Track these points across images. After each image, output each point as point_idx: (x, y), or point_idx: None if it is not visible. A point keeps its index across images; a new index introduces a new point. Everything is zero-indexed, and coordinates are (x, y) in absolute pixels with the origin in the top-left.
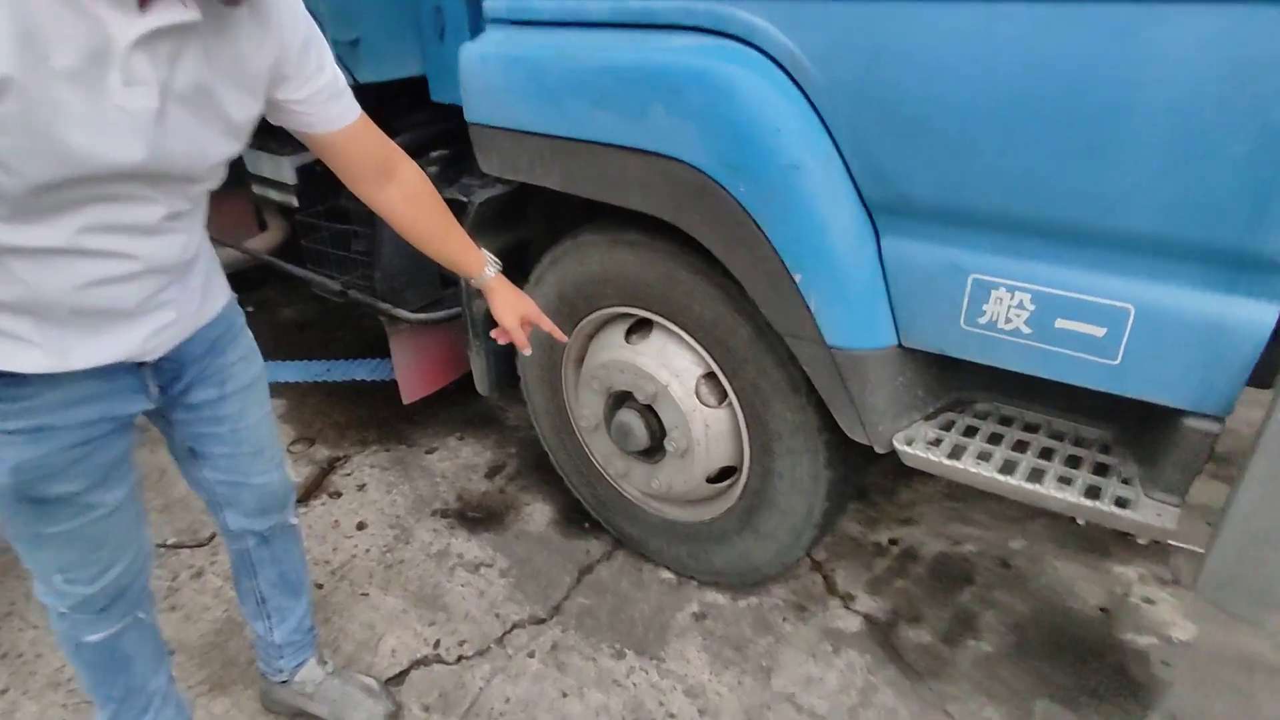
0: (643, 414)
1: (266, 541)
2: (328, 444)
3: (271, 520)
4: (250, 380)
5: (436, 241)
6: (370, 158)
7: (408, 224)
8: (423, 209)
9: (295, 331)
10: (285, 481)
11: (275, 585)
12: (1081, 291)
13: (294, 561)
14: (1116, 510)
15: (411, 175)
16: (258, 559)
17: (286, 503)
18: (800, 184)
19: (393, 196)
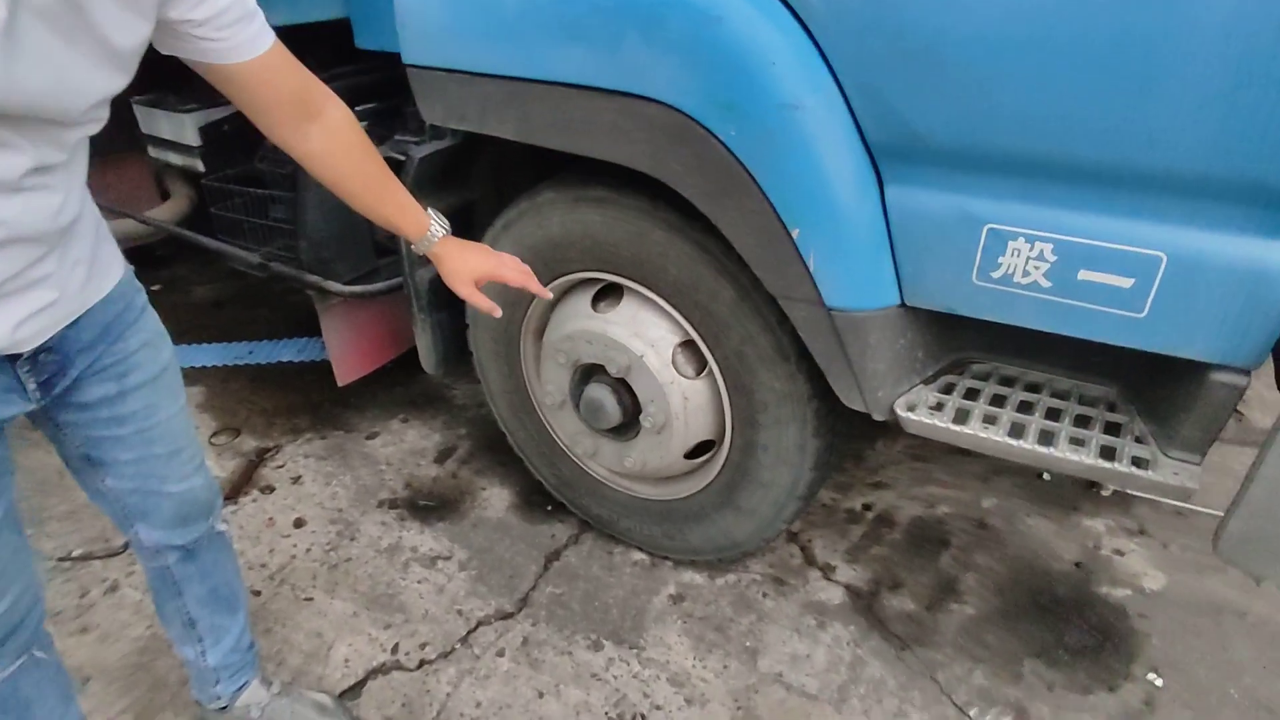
0: (614, 388)
1: (191, 555)
2: (255, 434)
3: (196, 531)
4: (158, 370)
5: (372, 197)
6: (289, 94)
7: (337, 176)
8: (354, 157)
9: (211, 311)
10: (209, 485)
11: (206, 603)
12: (1109, 240)
13: (226, 574)
14: (1136, 471)
15: (340, 116)
16: (182, 576)
17: (212, 508)
18: (799, 126)
19: (318, 142)
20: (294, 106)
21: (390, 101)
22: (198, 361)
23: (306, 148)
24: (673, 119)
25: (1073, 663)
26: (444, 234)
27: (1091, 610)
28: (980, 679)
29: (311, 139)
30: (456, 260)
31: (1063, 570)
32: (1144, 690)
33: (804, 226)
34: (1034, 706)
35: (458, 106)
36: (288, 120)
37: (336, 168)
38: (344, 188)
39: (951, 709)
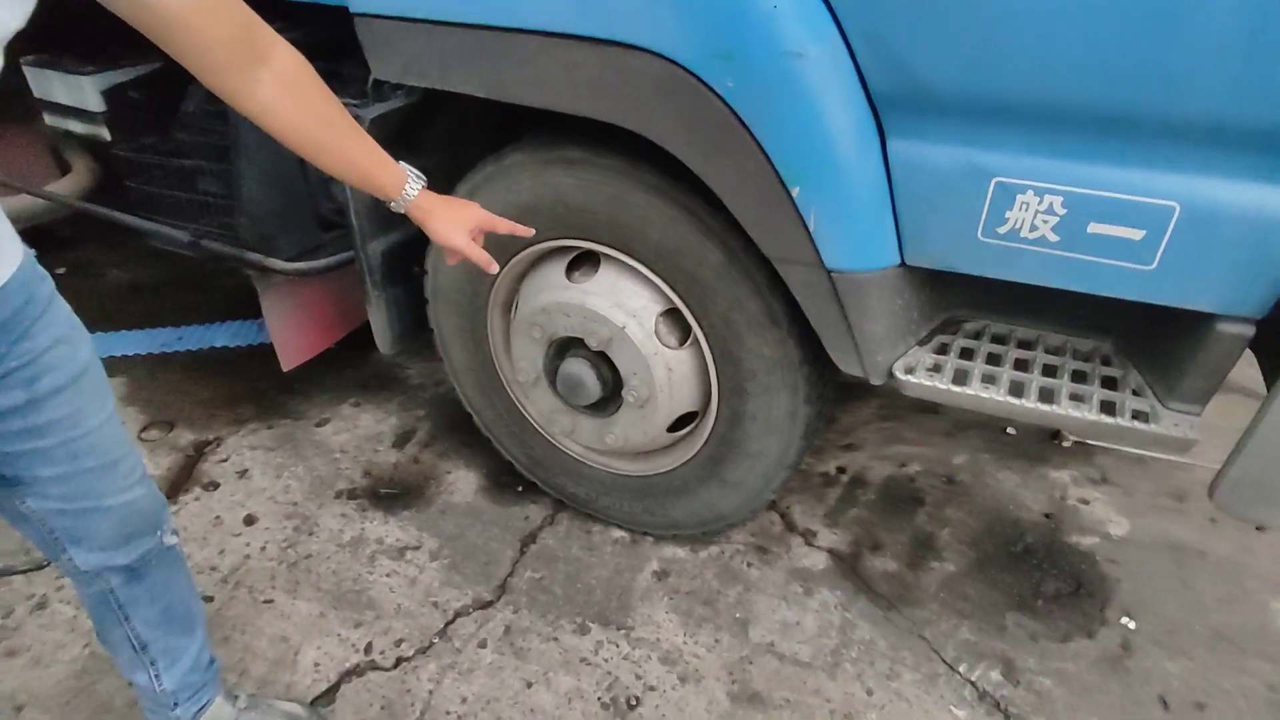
0: (593, 362)
1: (138, 575)
2: (192, 426)
3: (142, 547)
4: (77, 371)
5: (341, 148)
6: (232, 33)
7: (298, 128)
8: (315, 104)
9: (128, 295)
10: (153, 495)
11: (158, 625)
12: (1122, 191)
13: (180, 592)
14: (1138, 425)
15: (292, 58)
16: (128, 599)
17: (159, 521)
18: (802, 76)
19: (271, 89)
20: (238, 48)
21: (327, 62)
22: (118, 350)
23: (258, 97)
24: (664, 70)
25: (1051, 611)
26: (423, 186)
27: (1064, 558)
28: (966, 634)
29: (263, 86)
30: (446, 211)
31: (1033, 521)
32: (1119, 634)
33: (804, 185)
34: (1019, 658)
35: (416, 61)
36: (232, 64)
37: (295, 118)
38: (307, 142)
39: (942, 666)
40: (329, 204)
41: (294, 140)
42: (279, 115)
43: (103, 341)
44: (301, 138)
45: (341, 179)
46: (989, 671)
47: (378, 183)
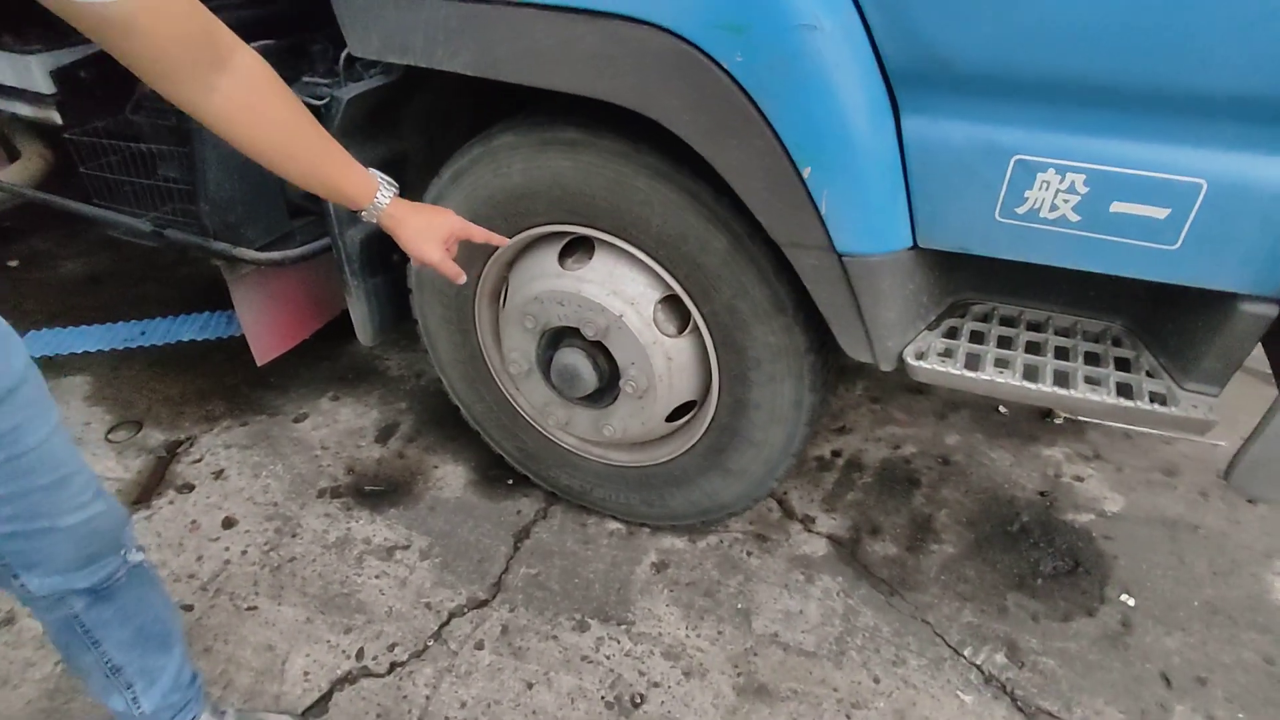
0: (589, 352)
1: (105, 597)
2: (161, 425)
3: (106, 567)
4: (13, 383)
5: (307, 158)
6: (186, 37)
7: (259, 136)
8: (277, 111)
9: (87, 288)
10: (113, 511)
11: (132, 647)
12: (1148, 168)
13: (154, 609)
14: (1156, 408)
15: (253, 62)
16: (95, 623)
17: (122, 538)
18: (816, 50)
19: (230, 96)
20: (193, 52)
21: (291, 37)
22: (78, 347)
23: (215, 105)
24: (668, 45)
25: (1051, 590)
26: (394, 194)
27: (1060, 536)
28: (969, 616)
29: (219, 93)
30: (419, 220)
31: (1028, 499)
32: (1119, 611)
33: (816, 165)
34: (1022, 639)
35: (399, 36)
36: (186, 71)
37: (257, 126)
38: (270, 152)
39: (947, 650)
40: (298, 189)
41: (255, 151)
42: (239, 125)
43: (61, 338)
44: (263, 148)
45: (307, 189)
46: (994, 654)
47: (346, 193)
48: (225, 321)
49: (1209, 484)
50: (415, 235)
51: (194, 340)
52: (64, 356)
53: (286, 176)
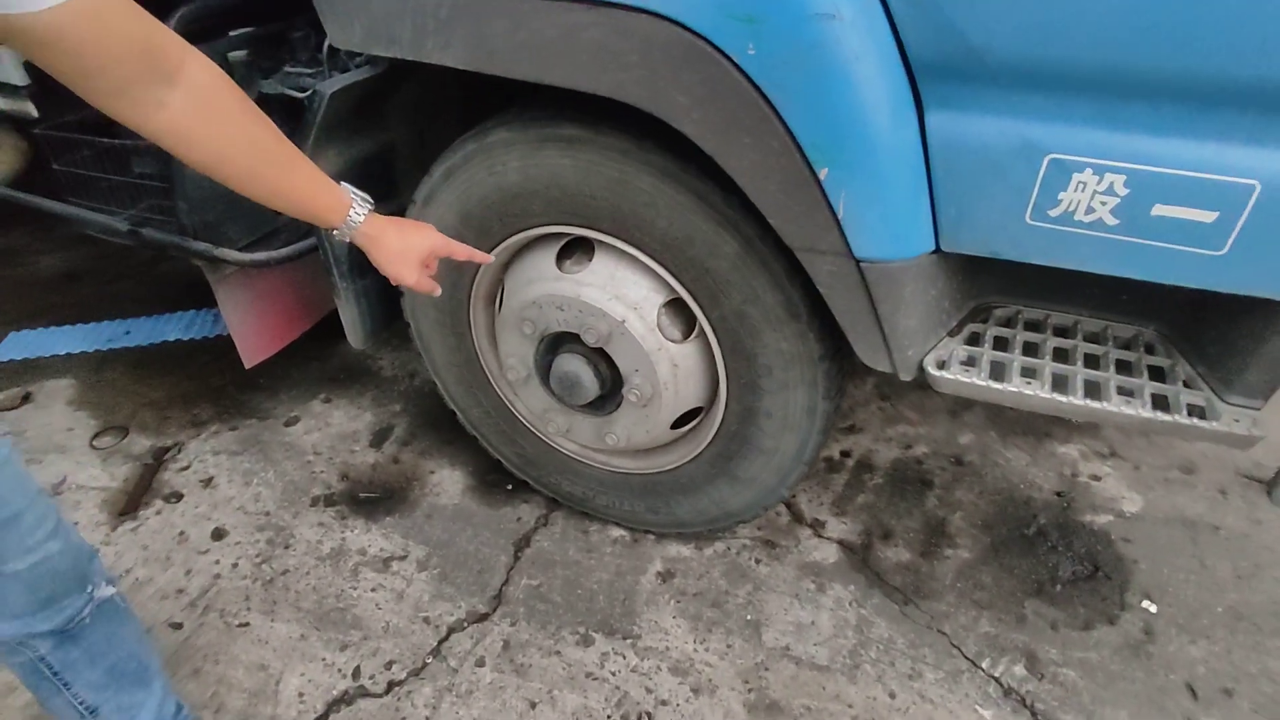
0: (590, 359)
1: (72, 638)
2: (147, 431)
3: (70, 608)
4: None
5: (271, 175)
6: (126, 51)
7: (216, 153)
8: (236, 125)
9: (65, 285)
10: (73, 547)
11: (106, 686)
12: (1194, 168)
13: (127, 646)
14: (1196, 422)
15: (207, 73)
16: (63, 665)
17: (86, 575)
18: (835, 41)
19: (180, 112)
20: (136, 67)
21: (270, 25)
22: (60, 349)
23: (164, 121)
24: (675, 37)
25: (1070, 597)
26: (370, 211)
27: (1078, 539)
28: (986, 626)
29: (169, 108)
30: (397, 239)
31: (1044, 500)
32: (1141, 618)
33: (834, 166)
34: (1042, 649)
35: (385, 27)
36: (130, 87)
37: (213, 143)
38: (229, 171)
39: (964, 662)
40: None
41: (213, 170)
42: (192, 142)
43: (43, 339)
44: (221, 167)
45: (274, 208)
46: (1012, 666)
47: (317, 212)
48: (211, 320)
49: (1228, 481)
50: (392, 256)
51: (179, 340)
52: (46, 359)
53: (250, 196)
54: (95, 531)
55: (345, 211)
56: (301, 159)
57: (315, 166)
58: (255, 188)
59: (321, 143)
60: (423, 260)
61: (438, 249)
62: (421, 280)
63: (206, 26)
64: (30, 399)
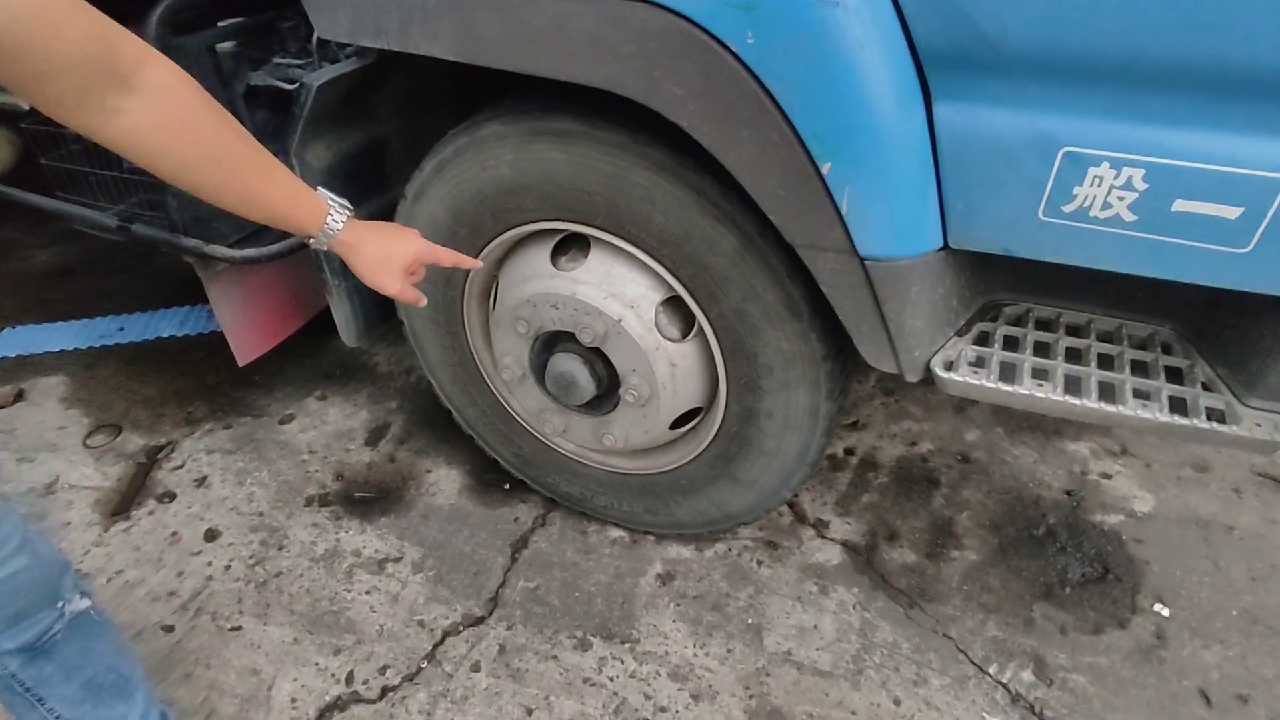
0: (585, 358)
1: (43, 654)
2: (140, 429)
3: (40, 624)
4: None
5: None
6: (80, 53)
7: (177, 165)
8: (199, 132)
9: (59, 280)
10: (42, 564)
11: (83, 700)
12: (1219, 162)
13: (104, 659)
14: (1215, 427)
15: (168, 77)
16: (36, 681)
17: (56, 590)
18: (838, 30)
19: (138, 120)
20: (88, 73)
21: (260, 14)
22: (54, 345)
23: (121, 129)
24: (671, 26)
25: (1080, 600)
26: (349, 217)
27: (1088, 540)
28: (993, 630)
29: (127, 115)
30: (378, 245)
31: (1053, 500)
32: (1153, 622)
33: (837, 160)
34: (1050, 654)
35: (370, 17)
36: (81, 94)
37: (176, 152)
38: (195, 180)
39: (970, 668)
40: None
41: (179, 179)
42: (153, 151)
43: (36, 335)
44: (188, 176)
45: (246, 217)
46: (1020, 671)
47: (292, 220)
48: (206, 316)
49: (1243, 480)
50: (374, 265)
51: (173, 336)
52: (40, 355)
53: (220, 205)
54: (87, 532)
55: (322, 218)
56: (275, 165)
57: (289, 172)
58: (225, 197)
59: (310, 136)
60: (406, 268)
61: (421, 256)
62: (405, 289)
63: (194, 16)
64: (23, 396)
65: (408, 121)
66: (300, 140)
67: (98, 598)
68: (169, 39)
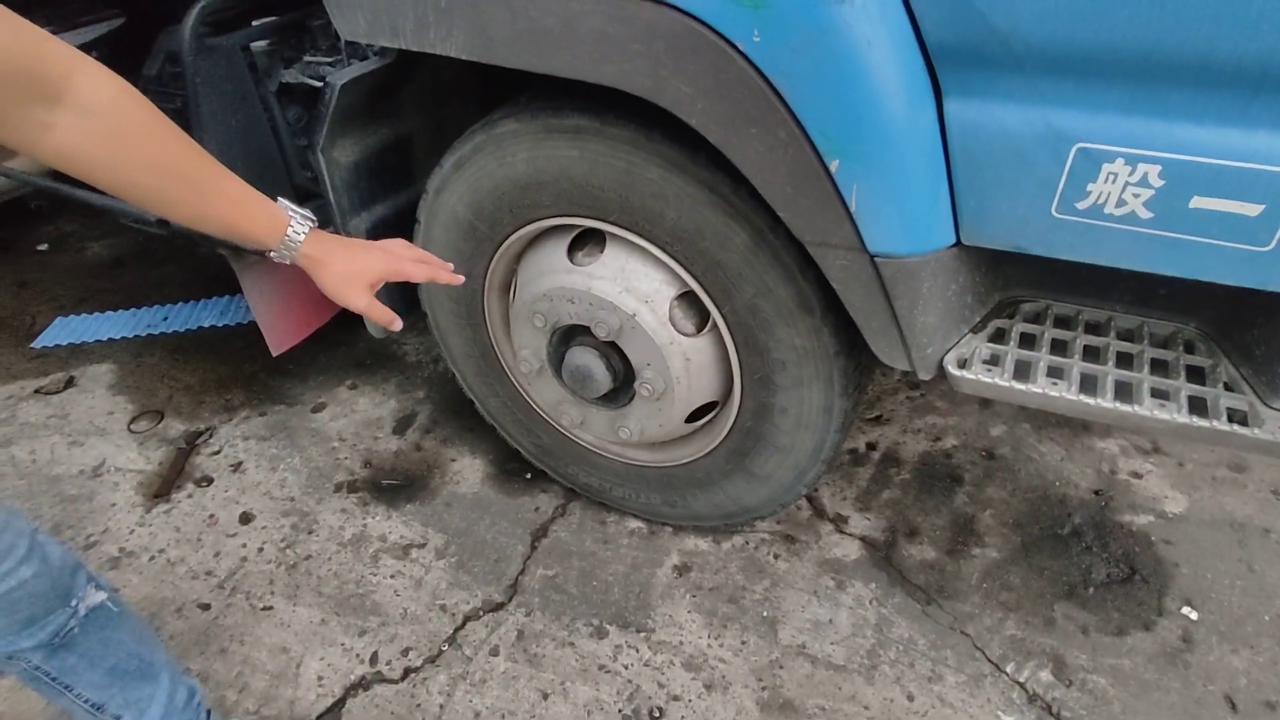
0: (602, 352)
1: (66, 646)
2: (182, 416)
3: (50, 625)
4: None
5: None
6: (3, 67)
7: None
8: (139, 144)
9: (111, 271)
10: (50, 570)
11: (109, 685)
12: (1238, 158)
13: (126, 646)
14: (1236, 429)
15: (102, 87)
16: (60, 671)
17: (71, 589)
18: (846, 26)
19: (72, 135)
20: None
21: (292, 13)
22: (104, 334)
23: (52, 145)
24: (678, 24)
25: (1104, 601)
26: (311, 228)
27: (1115, 541)
28: (1012, 628)
29: (57, 130)
30: (346, 261)
31: (1080, 499)
32: (1180, 625)
33: (845, 157)
34: (1070, 654)
35: (387, 17)
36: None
37: (114, 166)
38: (138, 192)
39: (987, 666)
40: (305, 173)
41: (122, 194)
42: (91, 167)
43: (87, 325)
44: (131, 191)
45: (201, 231)
46: (1038, 671)
47: (247, 232)
48: (245, 307)
49: None
50: (339, 280)
51: (214, 326)
52: (90, 344)
53: (171, 219)
54: (131, 513)
55: (282, 230)
56: (226, 176)
57: (244, 184)
58: (174, 211)
59: (337, 133)
60: (373, 284)
61: (388, 274)
62: (373, 306)
63: (230, 17)
64: (74, 383)
65: (433, 118)
66: (328, 137)
67: (141, 575)
68: (205, 39)
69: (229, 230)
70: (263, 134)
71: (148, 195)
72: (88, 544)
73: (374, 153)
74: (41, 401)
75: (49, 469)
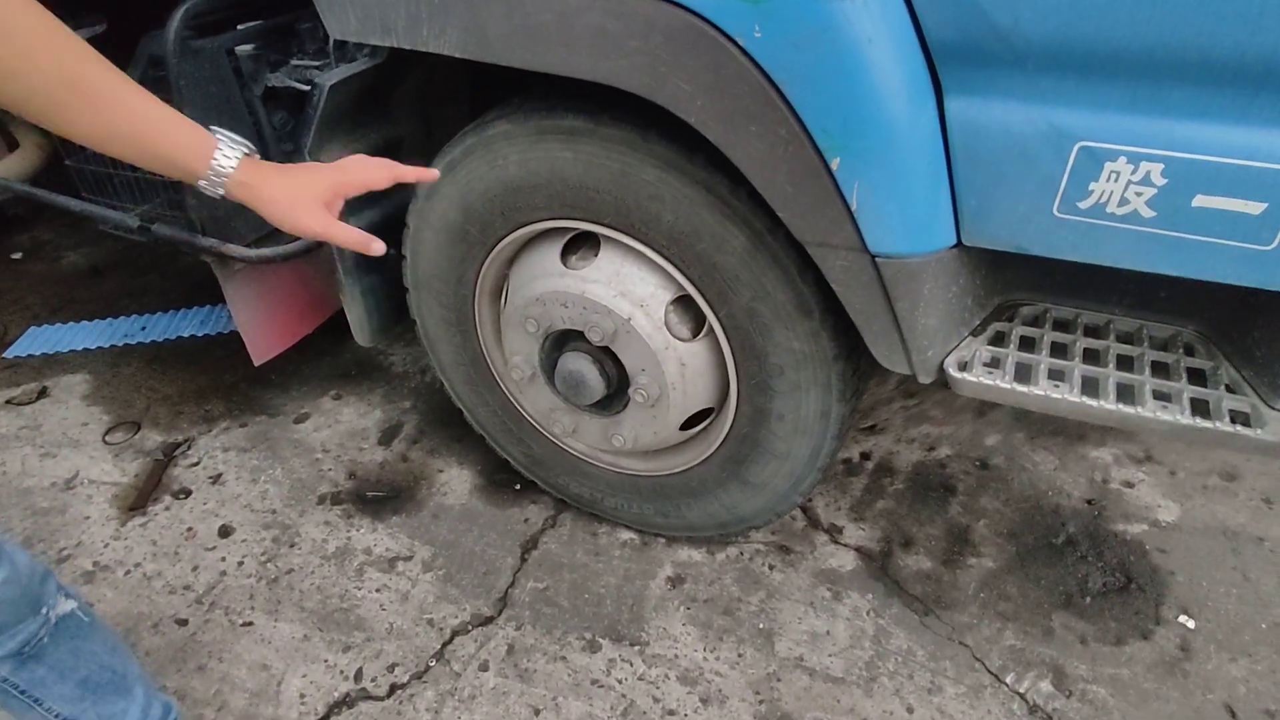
0: (595, 357)
1: (33, 658)
2: (159, 427)
3: (20, 634)
4: None
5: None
6: None
7: (19, 100)
8: (32, 55)
9: (88, 280)
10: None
11: (80, 698)
12: (1242, 155)
13: (98, 658)
14: (1239, 430)
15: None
16: (29, 683)
17: (40, 597)
18: (847, 23)
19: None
20: None
21: (279, 17)
22: (79, 344)
23: None
24: (677, 20)
25: (1101, 610)
26: (245, 155)
27: (1110, 550)
28: (1011, 639)
29: None
30: (284, 184)
31: (1074, 508)
32: (1177, 634)
33: (846, 155)
34: (1070, 664)
35: (378, 14)
36: None
37: (11, 87)
38: (37, 103)
39: (987, 677)
40: None
41: (20, 109)
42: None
43: (62, 334)
44: (28, 105)
45: (119, 158)
46: (1038, 682)
47: (169, 156)
48: (227, 316)
49: (1273, 489)
50: (282, 204)
51: (194, 335)
52: (65, 353)
53: (85, 143)
54: (106, 526)
55: (207, 157)
56: (140, 96)
57: (160, 103)
58: (79, 130)
59: (324, 136)
60: (323, 201)
61: (340, 185)
62: (333, 227)
63: (214, 20)
64: (47, 393)
65: (423, 121)
66: (315, 140)
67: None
68: (189, 42)
69: (147, 155)
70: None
71: (44, 110)
72: (60, 557)
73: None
74: (12, 412)
75: (19, 481)
